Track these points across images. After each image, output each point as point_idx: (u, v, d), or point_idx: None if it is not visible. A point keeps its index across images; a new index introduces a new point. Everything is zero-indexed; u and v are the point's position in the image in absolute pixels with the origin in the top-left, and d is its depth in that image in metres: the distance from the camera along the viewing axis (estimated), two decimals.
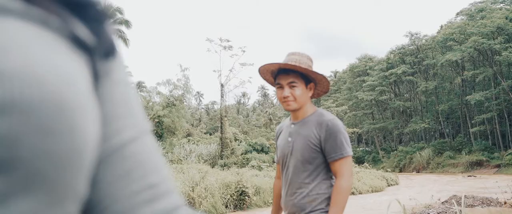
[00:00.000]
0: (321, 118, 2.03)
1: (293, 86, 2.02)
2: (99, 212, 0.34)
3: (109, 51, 0.36)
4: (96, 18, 0.36)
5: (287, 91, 2.02)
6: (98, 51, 0.35)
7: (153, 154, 0.37)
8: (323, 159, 2.00)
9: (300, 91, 2.03)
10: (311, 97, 2.11)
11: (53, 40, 0.30)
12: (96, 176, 0.34)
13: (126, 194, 0.34)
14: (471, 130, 40.67)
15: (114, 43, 0.37)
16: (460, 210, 8.09)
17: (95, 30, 0.35)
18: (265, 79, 2.20)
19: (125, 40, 41.51)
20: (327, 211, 1.96)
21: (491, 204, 9.44)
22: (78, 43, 0.33)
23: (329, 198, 1.97)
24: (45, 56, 0.29)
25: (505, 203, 9.43)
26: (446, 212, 7.49)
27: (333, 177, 2.02)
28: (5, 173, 0.26)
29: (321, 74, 2.04)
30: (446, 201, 10.16)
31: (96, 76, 0.35)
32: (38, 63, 0.28)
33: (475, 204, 9.59)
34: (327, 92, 2.19)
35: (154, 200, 0.35)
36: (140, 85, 52.77)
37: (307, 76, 2.06)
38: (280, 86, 2.05)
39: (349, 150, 1.98)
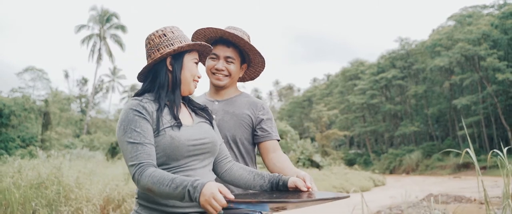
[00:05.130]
0: (252, 99, 1.96)
1: (230, 62, 1.90)
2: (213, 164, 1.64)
3: (212, 118, 1.68)
4: (206, 110, 1.67)
5: (222, 64, 1.89)
6: (210, 118, 1.64)
7: (225, 147, 1.67)
8: (252, 142, 1.93)
9: (236, 68, 1.92)
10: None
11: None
12: None
13: (221, 157, 1.64)
14: (459, 133, 41.62)
15: (212, 115, 1.70)
16: (430, 205, 8.98)
17: (207, 113, 1.66)
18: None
19: (121, 45, 42.31)
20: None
21: (462, 201, 10.34)
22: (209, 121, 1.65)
23: None
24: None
25: (474, 200, 10.34)
26: (415, 207, 8.34)
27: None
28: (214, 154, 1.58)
29: (262, 57, 1.95)
30: (423, 199, 11.04)
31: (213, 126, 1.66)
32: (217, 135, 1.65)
33: (449, 201, 10.48)
34: (254, 78, 2.09)
35: (227, 158, 1.66)
36: (135, 89, 53.09)
37: (243, 56, 1.96)
38: (214, 58, 1.91)
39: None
